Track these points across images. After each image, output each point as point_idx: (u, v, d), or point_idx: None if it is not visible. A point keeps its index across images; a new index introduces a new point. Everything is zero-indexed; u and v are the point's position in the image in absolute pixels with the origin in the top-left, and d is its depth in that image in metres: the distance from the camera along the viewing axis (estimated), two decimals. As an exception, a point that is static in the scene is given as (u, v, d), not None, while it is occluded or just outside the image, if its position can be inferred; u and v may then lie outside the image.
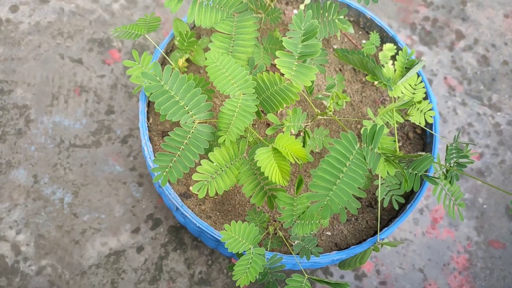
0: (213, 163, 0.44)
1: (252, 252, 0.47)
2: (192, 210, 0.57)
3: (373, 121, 0.51)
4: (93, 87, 0.84)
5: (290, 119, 0.51)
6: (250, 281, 0.47)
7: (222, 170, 0.45)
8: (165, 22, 0.91)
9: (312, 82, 0.49)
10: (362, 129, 0.53)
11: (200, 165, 0.45)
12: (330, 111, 0.47)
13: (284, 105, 0.45)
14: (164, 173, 0.43)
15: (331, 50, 0.71)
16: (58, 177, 0.77)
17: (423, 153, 0.47)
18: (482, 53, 0.97)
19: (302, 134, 0.54)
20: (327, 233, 0.60)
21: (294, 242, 0.54)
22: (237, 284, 0.47)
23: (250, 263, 0.47)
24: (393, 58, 0.68)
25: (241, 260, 0.47)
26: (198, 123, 0.43)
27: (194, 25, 0.70)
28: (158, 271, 0.73)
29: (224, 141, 0.43)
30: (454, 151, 0.50)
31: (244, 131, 0.48)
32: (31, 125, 0.80)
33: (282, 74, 0.47)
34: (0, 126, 0.79)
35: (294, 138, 0.42)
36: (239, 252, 0.48)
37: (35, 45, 0.86)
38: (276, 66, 0.45)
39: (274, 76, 0.44)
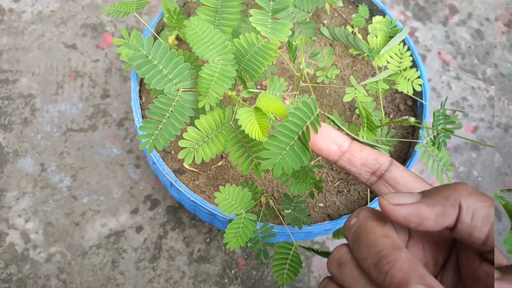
0: (199, 130, 0.45)
1: (244, 217, 0.48)
2: (186, 185, 0.58)
3: (355, 88, 0.51)
4: (87, 72, 0.85)
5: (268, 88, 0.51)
6: (243, 248, 0.48)
7: (209, 137, 0.46)
8: (157, 5, 0.92)
9: (291, 42, 0.50)
10: (345, 96, 0.53)
11: (187, 132, 0.46)
12: (301, 64, 0.47)
13: (267, 65, 0.45)
14: (151, 140, 0.44)
15: (322, 25, 0.71)
16: (65, 165, 0.78)
17: (407, 117, 0.47)
18: (476, 27, 0.97)
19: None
20: (319, 204, 0.61)
21: (286, 212, 0.55)
22: (227, 247, 0.48)
23: (241, 227, 0.48)
24: (383, 30, 0.69)
25: (232, 224, 0.48)
26: (183, 91, 0.44)
27: (184, 4, 0.71)
28: (158, 250, 0.74)
29: (204, 105, 0.44)
30: (441, 117, 0.50)
31: (231, 101, 0.49)
32: (36, 114, 0.81)
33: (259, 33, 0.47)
34: (6, 116, 0.80)
35: (275, 98, 0.43)
36: (231, 219, 0.49)
37: (39, 34, 0.87)
38: (252, 24, 0.45)
39: (251, 37, 0.45)
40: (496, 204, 0.83)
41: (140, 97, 0.64)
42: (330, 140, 0.37)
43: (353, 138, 0.38)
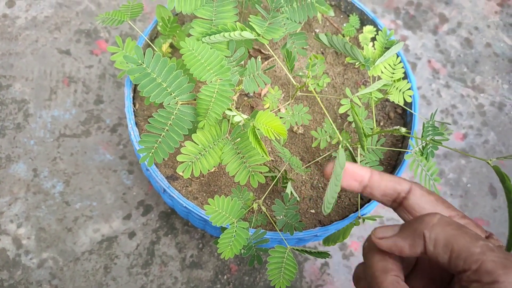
0: (197, 144, 0.46)
1: (236, 226, 0.49)
2: (179, 192, 0.59)
3: (351, 100, 0.52)
4: (81, 78, 0.85)
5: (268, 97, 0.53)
6: (235, 254, 0.49)
7: (206, 151, 0.46)
8: (151, 12, 0.92)
9: (290, 52, 0.52)
10: (340, 108, 0.55)
11: (185, 146, 0.47)
12: (308, 77, 0.48)
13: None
14: (150, 154, 0.44)
15: (313, 34, 0.72)
16: (58, 171, 0.78)
17: (398, 127, 0.48)
18: (465, 36, 0.99)
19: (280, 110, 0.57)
20: (311, 211, 0.62)
21: (278, 218, 0.56)
22: (222, 257, 0.48)
23: (234, 236, 0.49)
24: (373, 40, 0.70)
25: (225, 234, 0.48)
26: (181, 104, 0.45)
27: (177, 14, 0.72)
28: (150, 256, 0.74)
29: (204, 126, 0.45)
30: (430, 129, 0.51)
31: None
32: (29, 120, 0.81)
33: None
34: (-1, 121, 0.80)
35: (274, 115, 0.44)
36: (223, 226, 0.50)
37: (33, 40, 0.87)
38: (250, 23, 0.47)
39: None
40: (491, 182, 0.85)
41: (134, 103, 0.65)
42: (351, 178, 0.41)
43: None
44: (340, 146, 0.43)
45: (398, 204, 0.41)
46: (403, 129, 0.47)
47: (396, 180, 0.40)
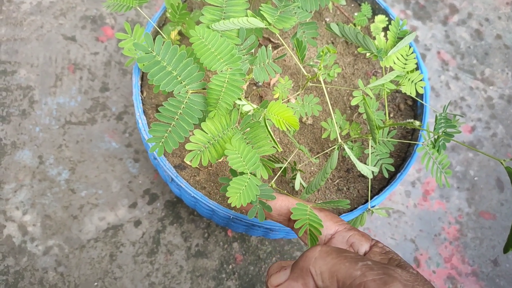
0: (206, 133, 0.45)
1: (249, 178, 0.46)
2: (187, 181, 0.58)
3: (363, 92, 0.52)
4: (87, 65, 0.84)
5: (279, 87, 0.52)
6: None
7: (215, 140, 0.46)
8: (158, -2, 0.91)
9: (300, 41, 0.51)
10: (352, 100, 0.54)
11: (194, 135, 0.46)
12: (320, 69, 0.48)
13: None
14: (160, 144, 0.43)
15: (324, 23, 0.71)
16: (63, 158, 0.77)
17: (412, 120, 0.48)
18: (476, 27, 0.97)
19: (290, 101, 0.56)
20: (319, 202, 0.61)
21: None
22: (228, 202, 0.45)
23: (246, 186, 0.45)
24: (385, 29, 0.69)
25: (238, 179, 0.45)
26: (191, 93, 0.44)
27: (185, 0, 0.70)
28: (156, 244, 0.74)
29: (214, 116, 0.44)
30: (442, 121, 0.50)
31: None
32: (35, 106, 0.80)
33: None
34: (5, 107, 0.79)
35: (286, 106, 0.43)
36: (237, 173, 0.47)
37: (38, 26, 0.86)
38: (261, 11, 0.46)
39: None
40: (499, 175, 0.85)
41: (141, 91, 0.64)
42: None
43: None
44: (336, 148, 0.43)
45: (293, 222, 0.44)
46: (417, 123, 0.46)
47: (289, 200, 0.45)
